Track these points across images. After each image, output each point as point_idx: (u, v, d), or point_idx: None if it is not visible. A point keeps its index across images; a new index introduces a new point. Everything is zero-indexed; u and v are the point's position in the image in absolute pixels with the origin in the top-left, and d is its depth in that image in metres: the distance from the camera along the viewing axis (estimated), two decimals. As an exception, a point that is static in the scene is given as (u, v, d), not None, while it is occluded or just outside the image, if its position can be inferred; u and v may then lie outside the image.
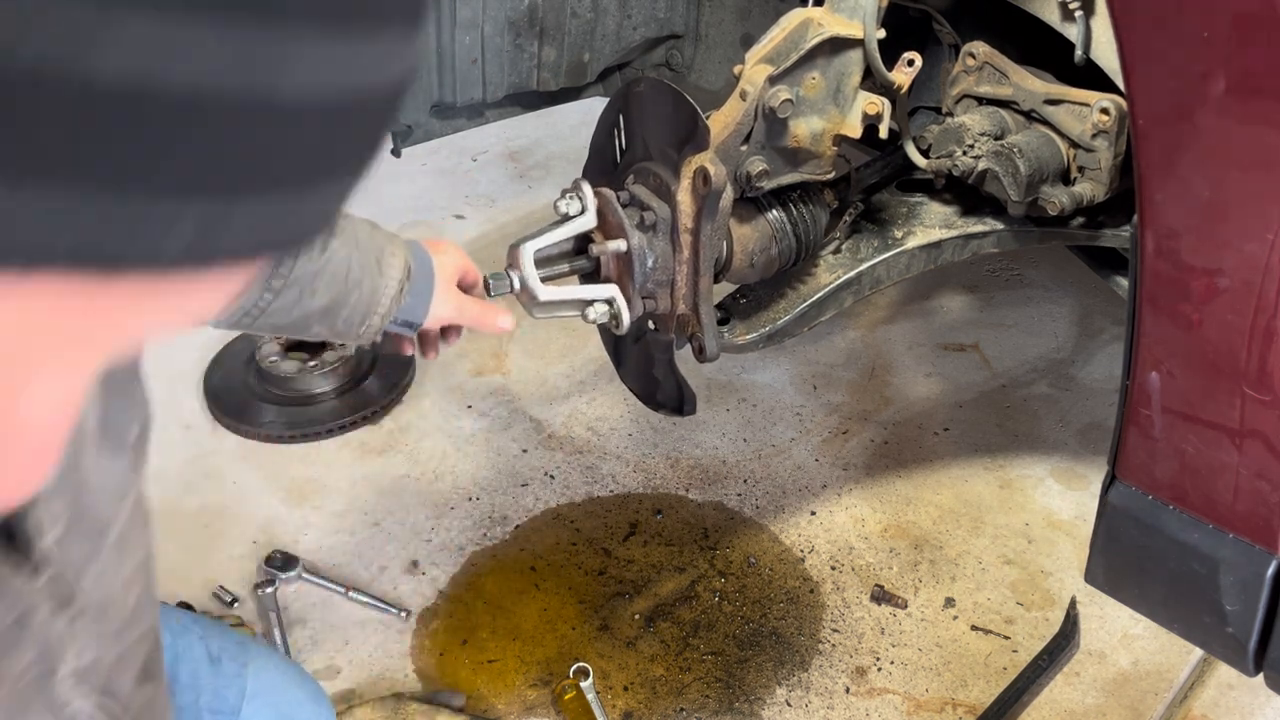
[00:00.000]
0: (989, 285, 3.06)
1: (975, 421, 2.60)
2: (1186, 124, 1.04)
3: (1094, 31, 1.34)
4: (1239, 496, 1.14)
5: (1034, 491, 2.41)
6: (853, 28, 1.42)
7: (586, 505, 2.37)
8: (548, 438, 2.56)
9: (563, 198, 1.39)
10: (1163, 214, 1.10)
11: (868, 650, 2.06)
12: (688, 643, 2.07)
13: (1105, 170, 1.47)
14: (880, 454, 2.51)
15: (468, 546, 2.28)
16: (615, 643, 2.07)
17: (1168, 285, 1.12)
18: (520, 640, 2.08)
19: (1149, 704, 1.96)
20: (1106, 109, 1.43)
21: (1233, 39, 0.98)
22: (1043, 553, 2.26)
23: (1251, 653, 1.19)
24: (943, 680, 2.01)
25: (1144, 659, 2.03)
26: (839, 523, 2.33)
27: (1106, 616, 2.09)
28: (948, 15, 1.63)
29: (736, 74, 1.44)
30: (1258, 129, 1.00)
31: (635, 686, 1.99)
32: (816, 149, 1.51)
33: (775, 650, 2.06)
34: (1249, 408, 1.10)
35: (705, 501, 2.38)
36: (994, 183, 1.50)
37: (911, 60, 1.48)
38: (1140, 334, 1.16)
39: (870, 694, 1.98)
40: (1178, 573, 1.22)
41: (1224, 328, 1.09)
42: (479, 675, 2.02)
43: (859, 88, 1.47)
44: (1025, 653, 2.03)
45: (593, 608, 2.14)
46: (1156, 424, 1.19)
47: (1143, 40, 1.05)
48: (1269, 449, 1.10)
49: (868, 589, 2.17)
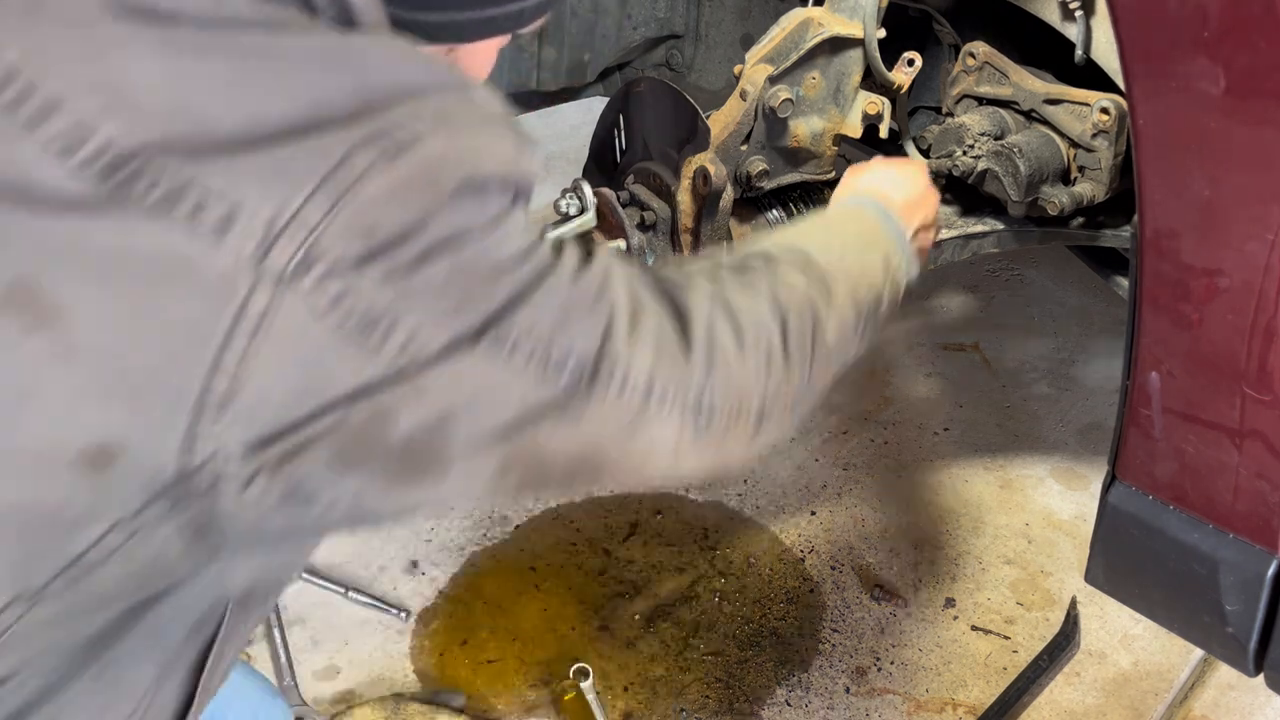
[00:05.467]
0: (989, 285, 3.06)
1: (975, 421, 2.60)
2: (1186, 123, 1.04)
3: (1094, 31, 1.34)
4: (1239, 496, 1.14)
5: (1034, 491, 2.41)
6: (853, 27, 1.42)
7: (586, 505, 2.37)
8: (548, 438, 2.56)
9: (563, 197, 1.39)
10: (1163, 214, 1.10)
11: (868, 650, 2.06)
12: (688, 643, 2.07)
13: (1105, 170, 1.47)
14: (880, 454, 2.51)
15: (468, 546, 2.28)
16: (615, 643, 2.07)
17: (1168, 285, 1.12)
18: (520, 640, 2.08)
19: (1149, 704, 1.95)
20: (1106, 109, 1.43)
21: (1233, 39, 0.98)
22: (1043, 553, 2.26)
23: (1252, 653, 1.19)
24: (943, 680, 2.00)
25: (1144, 659, 2.03)
26: (839, 523, 2.33)
27: (1107, 617, 2.09)
28: (948, 15, 1.63)
29: (737, 74, 1.44)
30: (1258, 128, 1.00)
31: (635, 687, 1.99)
32: (817, 149, 1.51)
33: (775, 650, 2.06)
34: (1249, 408, 1.10)
35: (705, 501, 2.38)
36: (994, 183, 1.50)
37: (911, 60, 1.48)
38: (1140, 334, 1.16)
39: (870, 694, 1.98)
40: (1178, 573, 1.22)
41: (1224, 327, 1.08)
42: (479, 675, 2.02)
43: (859, 87, 1.47)
44: (1025, 653, 2.03)
45: (593, 608, 2.14)
46: (1157, 424, 1.19)
47: (1143, 40, 1.05)
48: (1269, 449, 1.10)
49: (868, 589, 2.17)
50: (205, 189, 0.58)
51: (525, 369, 0.68)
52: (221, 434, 0.61)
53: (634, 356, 0.75)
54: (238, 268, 0.58)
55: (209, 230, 0.58)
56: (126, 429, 0.60)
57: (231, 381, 0.60)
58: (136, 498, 0.62)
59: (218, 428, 0.61)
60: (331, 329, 0.60)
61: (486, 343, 0.65)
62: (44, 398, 0.59)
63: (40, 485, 0.61)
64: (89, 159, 0.57)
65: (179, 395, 0.60)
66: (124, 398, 0.60)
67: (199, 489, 0.62)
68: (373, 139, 0.61)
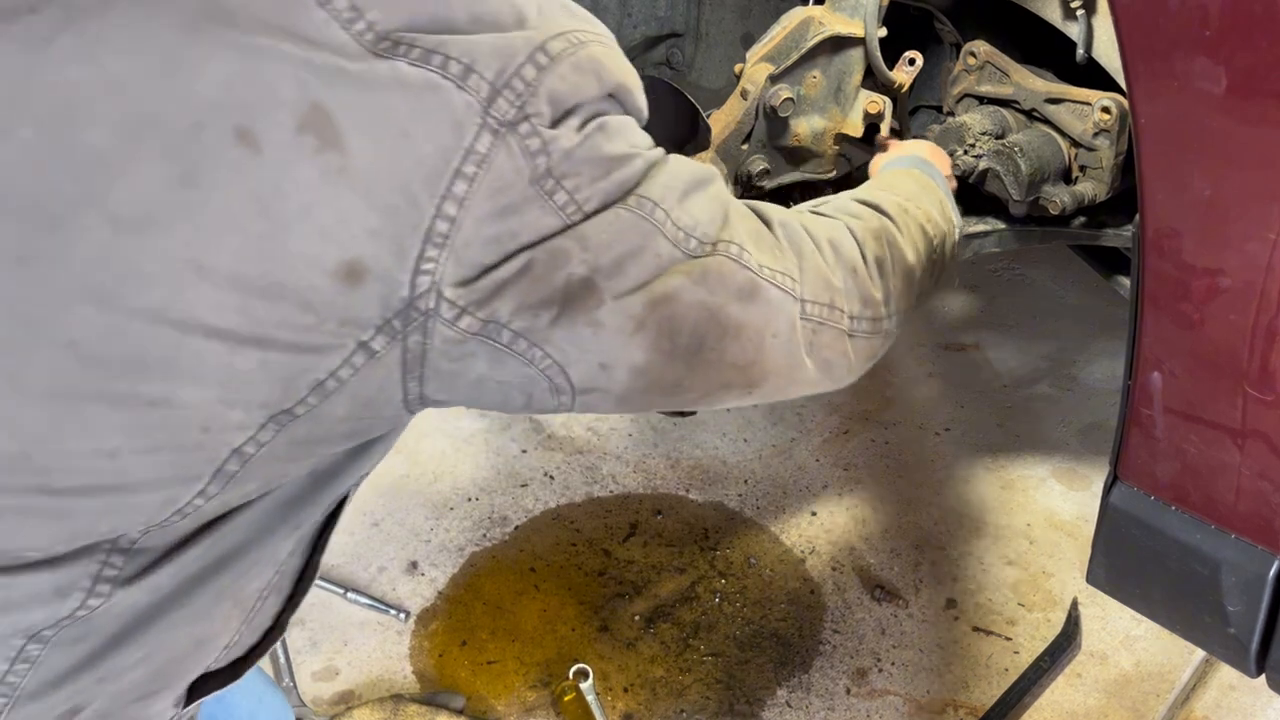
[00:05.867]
0: (990, 285, 3.05)
1: (976, 422, 2.60)
2: (1188, 123, 1.04)
3: (1095, 30, 1.33)
4: (1241, 497, 1.14)
5: (1035, 492, 2.40)
6: (854, 26, 1.42)
7: (586, 506, 2.37)
8: (547, 438, 2.56)
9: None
10: (1164, 213, 1.09)
11: (869, 651, 2.05)
12: (688, 644, 2.07)
13: (1107, 169, 1.47)
14: (881, 454, 2.51)
15: (467, 547, 2.27)
16: (615, 644, 2.07)
17: (1169, 285, 1.11)
18: (520, 641, 2.08)
19: (1151, 705, 1.95)
20: (1108, 108, 1.43)
21: (1234, 38, 0.98)
22: (1044, 553, 2.25)
23: (1253, 654, 1.18)
24: (944, 681, 2.00)
25: (1146, 660, 2.03)
26: (840, 523, 2.32)
27: (1108, 617, 2.09)
28: (949, 14, 1.63)
29: (737, 73, 1.44)
30: (1259, 128, 1.00)
31: (635, 688, 1.99)
32: (818, 148, 1.50)
33: (776, 651, 2.05)
34: (1251, 408, 1.09)
35: (705, 502, 2.38)
36: (995, 182, 1.49)
37: (913, 59, 1.47)
38: (1142, 334, 1.16)
39: (871, 695, 1.98)
40: (1179, 574, 1.22)
41: (1225, 327, 1.08)
42: (478, 676, 2.01)
43: (860, 87, 1.47)
44: (1027, 654, 2.03)
45: (592, 608, 2.14)
46: (1158, 424, 1.18)
47: (1144, 39, 1.04)
48: (1271, 449, 1.10)
49: (869, 590, 2.17)
50: (447, 55, 0.71)
51: (660, 230, 0.82)
52: (439, 268, 0.72)
53: (745, 240, 0.90)
54: (471, 110, 0.71)
55: (455, 76, 0.71)
56: (376, 248, 0.70)
57: (459, 211, 0.71)
58: (374, 319, 0.71)
59: (437, 262, 0.71)
60: (527, 180, 0.73)
61: (631, 203, 0.79)
62: (320, 211, 0.68)
63: (304, 297, 0.69)
64: (361, 32, 0.69)
65: (416, 221, 0.70)
66: (379, 218, 0.70)
67: (417, 318, 0.73)
68: (562, 35, 0.76)
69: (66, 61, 0.65)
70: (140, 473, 0.72)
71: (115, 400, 0.69)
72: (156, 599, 0.80)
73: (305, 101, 0.67)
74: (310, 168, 0.68)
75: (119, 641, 0.81)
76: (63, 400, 0.68)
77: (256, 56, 0.67)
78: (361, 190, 0.69)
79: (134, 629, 0.81)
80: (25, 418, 0.68)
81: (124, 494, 0.72)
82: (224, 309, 0.68)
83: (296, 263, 0.69)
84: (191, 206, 0.67)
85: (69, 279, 0.66)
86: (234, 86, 0.67)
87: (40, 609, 0.76)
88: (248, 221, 0.67)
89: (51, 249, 0.66)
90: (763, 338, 0.92)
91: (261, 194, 0.67)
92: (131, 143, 0.66)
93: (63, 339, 0.67)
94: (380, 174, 0.69)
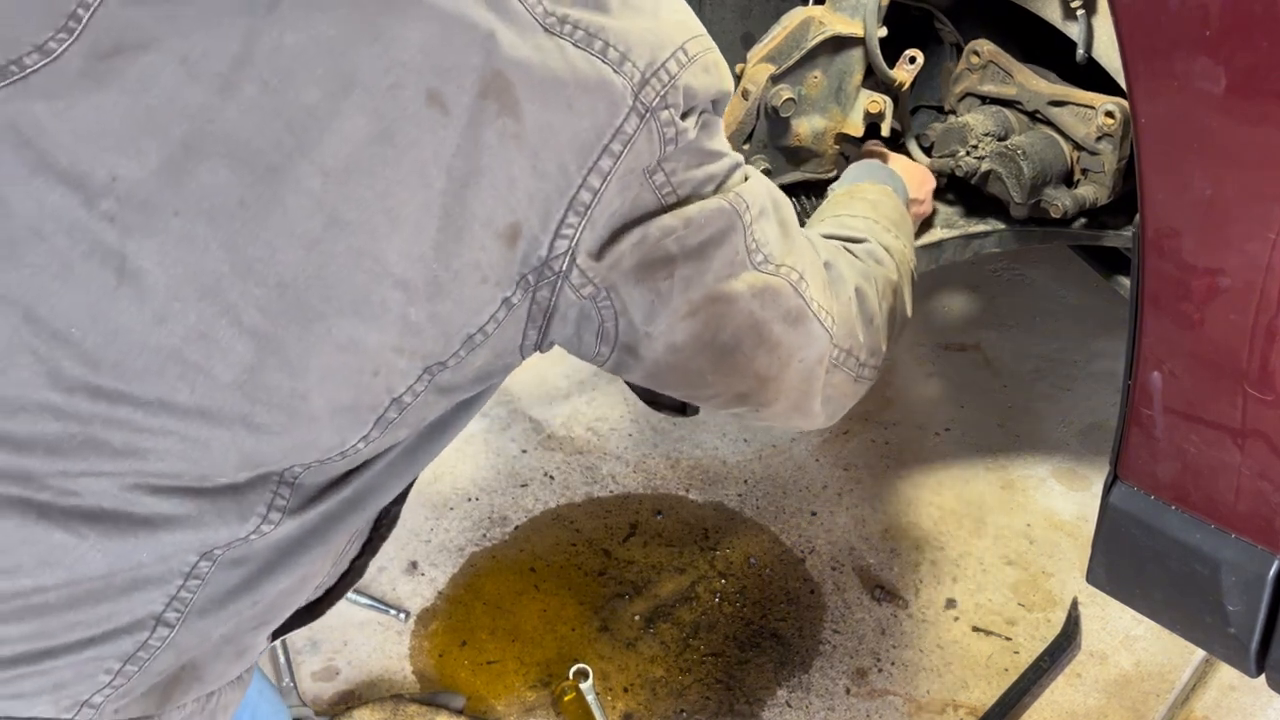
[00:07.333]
0: (990, 285, 3.05)
1: (976, 422, 2.60)
2: (1188, 122, 1.04)
3: (1095, 30, 1.33)
4: (1241, 497, 1.14)
5: (1036, 492, 2.40)
6: (854, 26, 1.42)
7: (586, 506, 2.37)
8: (547, 438, 2.56)
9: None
10: (1164, 213, 1.09)
11: (868, 651, 2.06)
12: (688, 644, 2.07)
13: (1109, 174, 1.47)
14: (881, 454, 2.51)
15: (467, 547, 2.27)
16: (615, 644, 2.07)
17: (1169, 285, 1.11)
18: (520, 641, 2.08)
19: (1151, 705, 1.95)
20: (1111, 112, 1.43)
21: (1234, 38, 0.98)
22: (1044, 553, 2.25)
23: (1253, 654, 1.18)
24: (944, 681, 2.00)
25: (1146, 660, 2.03)
26: (840, 523, 2.32)
27: (1108, 617, 2.09)
28: (949, 13, 1.63)
29: (738, 73, 1.44)
30: (1260, 128, 1.00)
31: (635, 688, 1.99)
32: (819, 148, 1.51)
33: (776, 651, 2.05)
34: (1251, 408, 1.09)
35: (705, 502, 2.38)
36: (997, 184, 1.49)
37: (913, 58, 1.48)
38: (1142, 333, 1.16)
39: (871, 695, 1.98)
40: (1180, 573, 1.21)
41: (1226, 327, 1.08)
42: (478, 677, 2.01)
43: (861, 86, 1.47)
44: (1027, 654, 2.03)
45: (592, 609, 2.14)
46: (1158, 424, 1.18)
47: (1145, 39, 1.04)
48: (1271, 449, 1.10)
49: (869, 590, 2.17)
50: (606, 40, 0.78)
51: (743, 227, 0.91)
52: (576, 234, 0.79)
53: (806, 270, 0.99)
54: (624, 92, 0.78)
55: (614, 60, 0.78)
56: (530, 211, 0.77)
57: (601, 184, 0.78)
58: (515, 276, 0.78)
59: (576, 229, 0.79)
60: (656, 161, 0.82)
61: (729, 197, 0.89)
62: (495, 174, 0.75)
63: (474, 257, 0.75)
64: (533, 5, 0.77)
65: (564, 189, 0.77)
66: (537, 183, 0.76)
67: (550, 276, 0.80)
68: (695, 38, 0.85)
69: (286, 27, 0.72)
70: (323, 413, 0.78)
71: (313, 342, 0.75)
72: (302, 533, 0.86)
73: (489, 69, 0.74)
74: (490, 132, 0.74)
75: (272, 568, 0.86)
76: (267, 338, 0.74)
77: (449, 24, 0.73)
78: (529, 155, 0.75)
79: (285, 558, 0.87)
80: (240, 350, 0.74)
81: (308, 431, 0.78)
82: (408, 259, 0.74)
83: (472, 223, 0.75)
84: (388, 160, 0.73)
85: (283, 223, 0.72)
86: (429, 51, 0.73)
87: (225, 528, 0.81)
88: (434, 178, 0.73)
89: (269, 195, 0.72)
90: (791, 359, 1.00)
91: (445, 153, 0.73)
92: (339, 100, 0.72)
93: (273, 280, 0.73)
94: (545, 142, 0.76)
